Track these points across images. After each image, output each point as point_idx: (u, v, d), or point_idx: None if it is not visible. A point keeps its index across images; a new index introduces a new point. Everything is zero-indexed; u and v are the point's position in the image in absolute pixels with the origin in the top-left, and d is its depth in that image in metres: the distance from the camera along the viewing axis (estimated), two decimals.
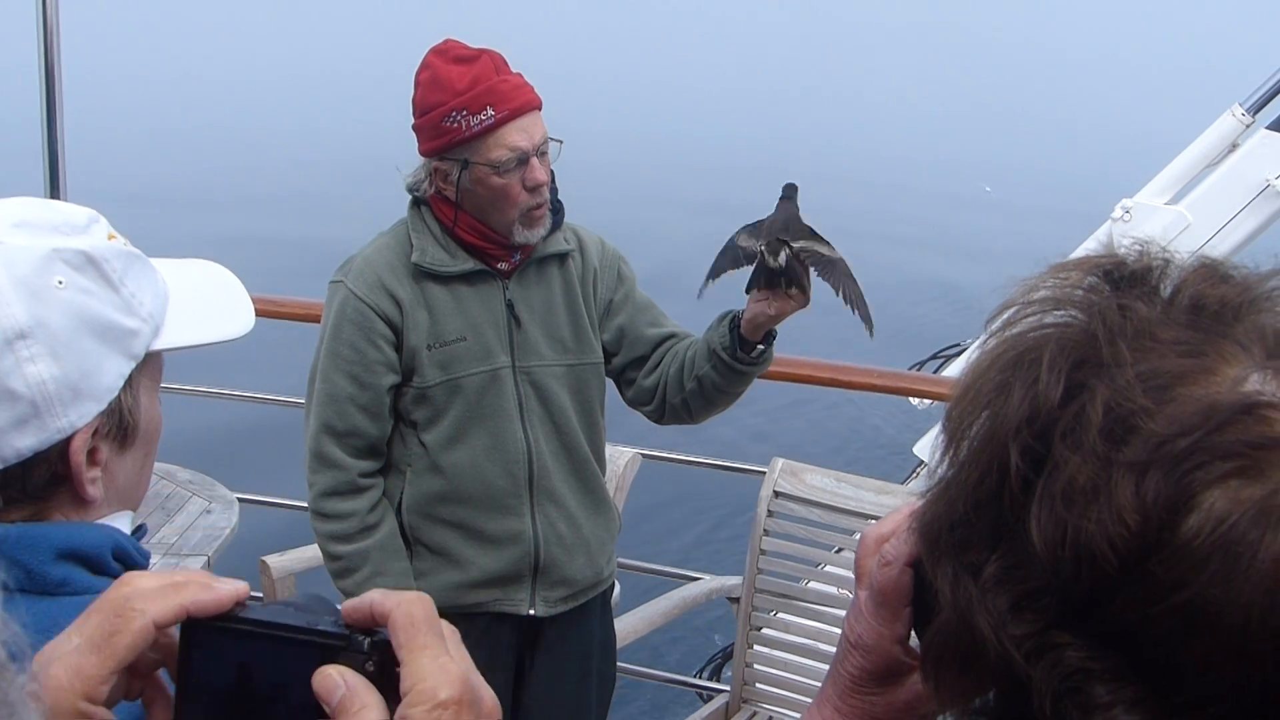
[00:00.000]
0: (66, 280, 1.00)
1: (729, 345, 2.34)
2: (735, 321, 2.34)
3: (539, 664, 2.48)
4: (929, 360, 6.40)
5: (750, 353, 2.35)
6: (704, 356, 2.39)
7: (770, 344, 2.38)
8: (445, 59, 2.27)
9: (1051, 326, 0.62)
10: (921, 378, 4.91)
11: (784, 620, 3.15)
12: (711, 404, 2.45)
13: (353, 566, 2.33)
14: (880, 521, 0.77)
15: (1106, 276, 0.64)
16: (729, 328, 2.35)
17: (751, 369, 2.38)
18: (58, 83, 3.08)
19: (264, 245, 13.39)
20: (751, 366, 2.37)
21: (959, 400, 0.64)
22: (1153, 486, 0.56)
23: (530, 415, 2.37)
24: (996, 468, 0.61)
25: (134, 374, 1.05)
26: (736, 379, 2.39)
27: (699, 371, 2.39)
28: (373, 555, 2.34)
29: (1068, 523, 0.58)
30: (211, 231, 15.30)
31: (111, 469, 1.05)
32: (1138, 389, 0.58)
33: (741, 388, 2.44)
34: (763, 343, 2.35)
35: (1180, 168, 5.79)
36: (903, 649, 0.75)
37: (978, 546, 0.62)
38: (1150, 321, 0.60)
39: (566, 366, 2.41)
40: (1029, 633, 0.59)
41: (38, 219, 1.02)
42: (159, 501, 3.31)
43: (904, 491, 3.16)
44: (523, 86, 2.29)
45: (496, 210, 2.30)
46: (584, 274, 2.45)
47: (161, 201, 16.79)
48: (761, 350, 2.36)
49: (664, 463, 3.76)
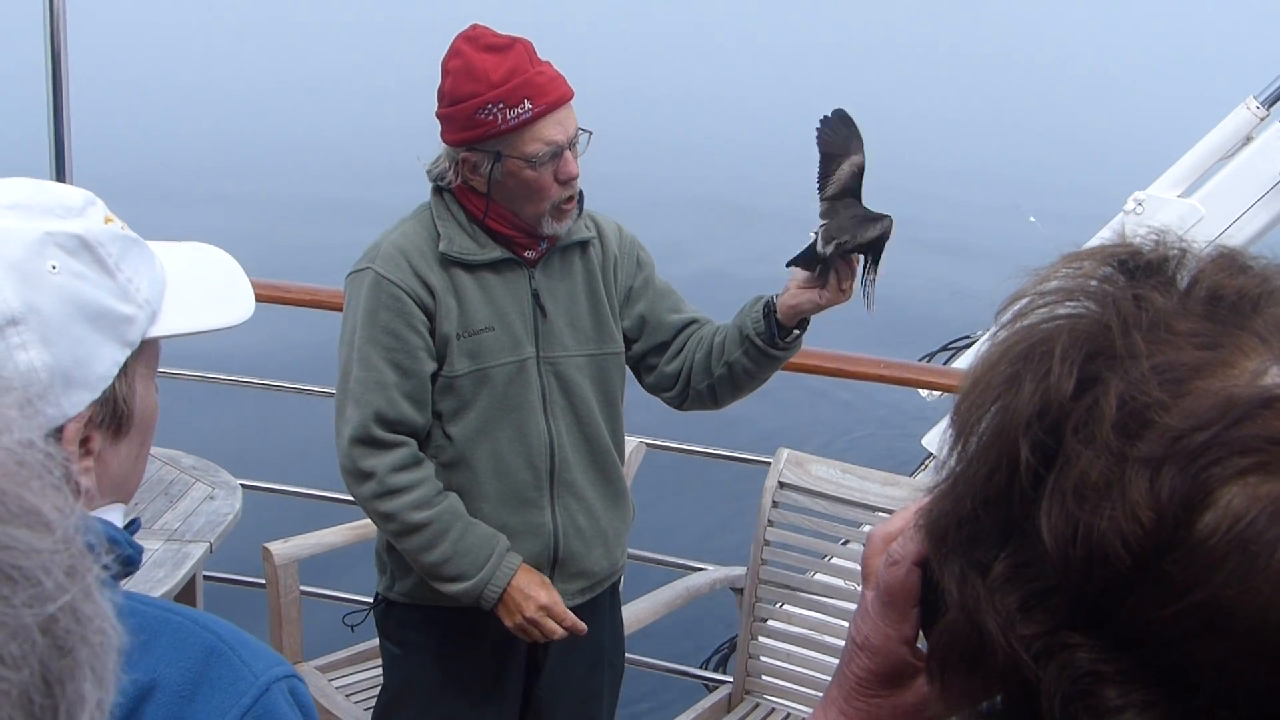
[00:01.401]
0: (60, 265, 0.98)
1: (765, 331, 2.32)
2: (769, 307, 2.32)
3: (552, 654, 2.47)
4: (938, 352, 6.38)
5: (786, 338, 2.34)
6: (735, 342, 2.37)
7: (805, 330, 2.37)
8: (476, 47, 2.21)
9: (1064, 318, 0.61)
10: (929, 369, 4.89)
11: (788, 611, 3.14)
12: (739, 389, 2.43)
13: (445, 526, 2.25)
14: (888, 520, 0.75)
15: (1121, 266, 0.62)
16: (763, 313, 2.33)
17: (785, 355, 2.37)
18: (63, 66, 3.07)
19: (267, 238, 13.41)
20: (785, 352, 2.36)
21: (968, 393, 0.63)
22: (1167, 482, 0.54)
23: (553, 407, 2.34)
24: (1006, 463, 0.59)
25: (129, 361, 1.02)
26: (769, 365, 2.38)
27: (730, 357, 2.38)
28: (458, 508, 2.28)
29: (1079, 520, 0.56)
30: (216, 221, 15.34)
31: (105, 459, 1.02)
32: (1153, 382, 0.56)
33: (770, 373, 2.43)
34: (798, 327, 2.35)
35: (1193, 161, 5.75)
36: (910, 650, 0.73)
37: (986, 544, 0.61)
38: (1166, 313, 0.59)
39: (588, 356, 2.38)
40: (1038, 633, 0.58)
41: (32, 201, 1.00)
42: (162, 487, 3.30)
43: (911, 484, 3.14)
44: (557, 78, 2.24)
45: (528, 202, 2.26)
46: (604, 262, 2.43)
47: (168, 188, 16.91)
48: (797, 336, 2.36)
49: (669, 452, 3.74)
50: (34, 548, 0.50)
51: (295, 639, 3.11)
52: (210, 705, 0.93)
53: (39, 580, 0.49)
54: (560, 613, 2.30)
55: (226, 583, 3.79)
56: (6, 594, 0.48)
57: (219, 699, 0.94)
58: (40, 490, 0.52)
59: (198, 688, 0.94)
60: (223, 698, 0.94)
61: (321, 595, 3.67)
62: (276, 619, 3.08)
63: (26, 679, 0.48)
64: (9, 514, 0.50)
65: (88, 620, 0.51)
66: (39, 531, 0.50)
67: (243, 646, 0.97)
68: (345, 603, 3.63)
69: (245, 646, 0.97)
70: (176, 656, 0.94)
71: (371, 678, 3.12)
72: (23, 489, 0.51)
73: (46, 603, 0.49)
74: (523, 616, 2.27)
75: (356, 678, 3.14)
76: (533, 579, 2.30)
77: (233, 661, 0.96)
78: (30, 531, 0.50)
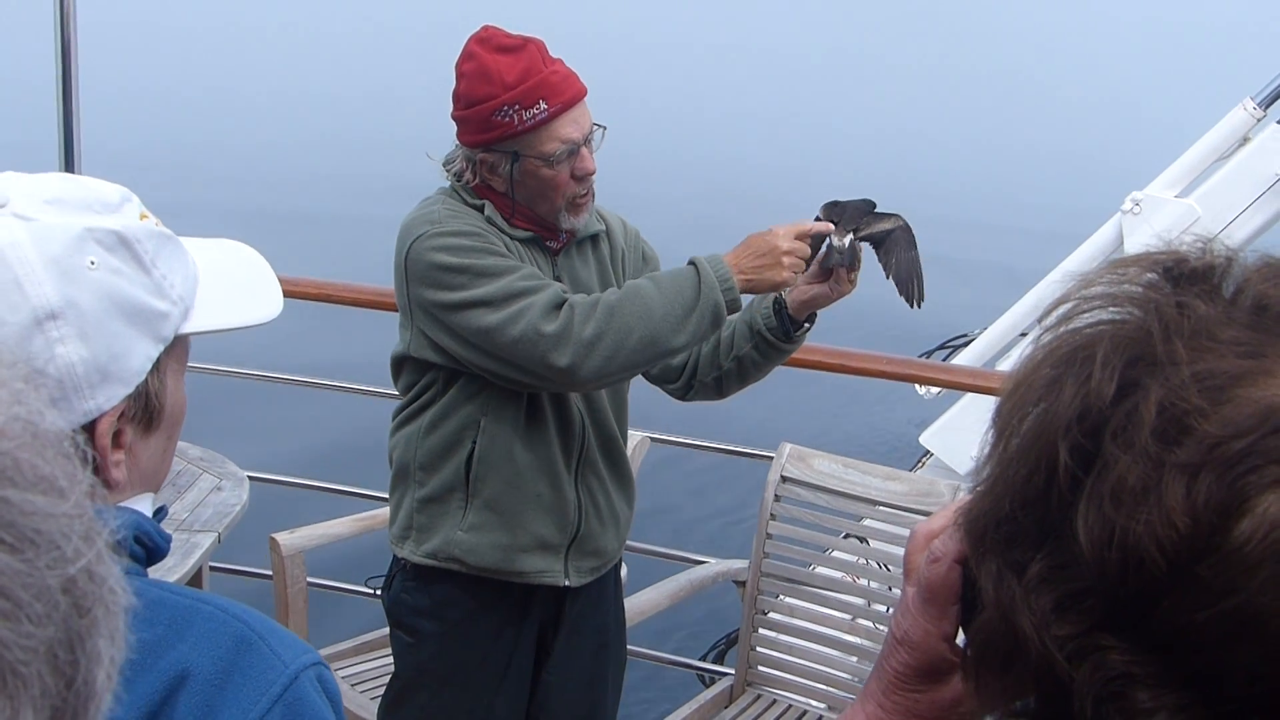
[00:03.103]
0: (99, 260, 0.99)
1: (775, 326, 2.37)
2: (779, 302, 2.36)
3: (561, 636, 2.50)
4: (937, 349, 6.41)
5: (797, 331, 2.39)
6: (745, 336, 2.41)
7: (813, 324, 2.42)
8: (489, 48, 2.22)
9: (1107, 323, 0.61)
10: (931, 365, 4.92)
11: (790, 604, 3.17)
12: (745, 381, 2.48)
13: (636, 291, 2.20)
14: (930, 517, 0.76)
15: (1166, 273, 0.62)
16: (773, 308, 2.37)
17: (793, 348, 2.42)
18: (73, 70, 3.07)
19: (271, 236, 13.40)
20: (794, 345, 2.42)
21: (1010, 395, 0.63)
22: (1204, 489, 0.54)
23: None
24: (1045, 465, 0.60)
25: (161, 357, 1.04)
26: (777, 358, 2.43)
27: (739, 351, 2.42)
28: (634, 288, 2.22)
29: (1115, 523, 0.57)
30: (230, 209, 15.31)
31: (136, 451, 1.04)
32: (1193, 389, 0.56)
33: (776, 365, 2.47)
34: (807, 320, 2.39)
35: (1191, 161, 5.79)
36: (949, 647, 0.74)
37: (1023, 545, 0.61)
38: (1209, 320, 0.59)
39: None
40: (1072, 634, 0.58)
41: (71, 196, 1.01)
42: (170, 478, 3.31)
43: (912, 479, 3.17)
44: (570, 76, 2.25)
45: (544, 200, 2.28)
46: (613, 255, 2.46)
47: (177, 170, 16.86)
48: (806, 329, 2.41)
49: (672, 446, 3.77)
50: (52, 513, 0.52)
51: (302, 630, 3.12)
52: (242, 693, 0.95)
53: (58, 544, 0.51)
54: (801, 228, 2.26)
55: (233, 573, 3.81)
56: (30, 557, 0.50)
57: (250, 687, 0.96)
58: (54, 459, 0.54)
59: (229, 676, 0.96)
60: (254, 686, 0.96)
61: (328, 586, 3.69)
62: (283, 610, 3.10)
63: (52, 636, 0.50)
64: (27, 481, 0.52)
65: (103, 581, 0.54)
66: (55, 498, 0.53)
67: (272, 635, 0.99)
68: (352, 594, 3.65)
69: (274, 635, 0.99)
70: (208, 645, 0.96)
71: (378, 668, 3.14)
72: (37, 457, 0.53)
73: (67, 565, 0.51)
74: (782, 270, 2.23)
75: (363, 668, 3.17)
76: (745, 249, 2.25)
77: (262, 650, 0.97)
78: (47, 498, 0.52)
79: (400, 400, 2.44)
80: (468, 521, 2.35)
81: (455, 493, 2.36)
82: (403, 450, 2.41)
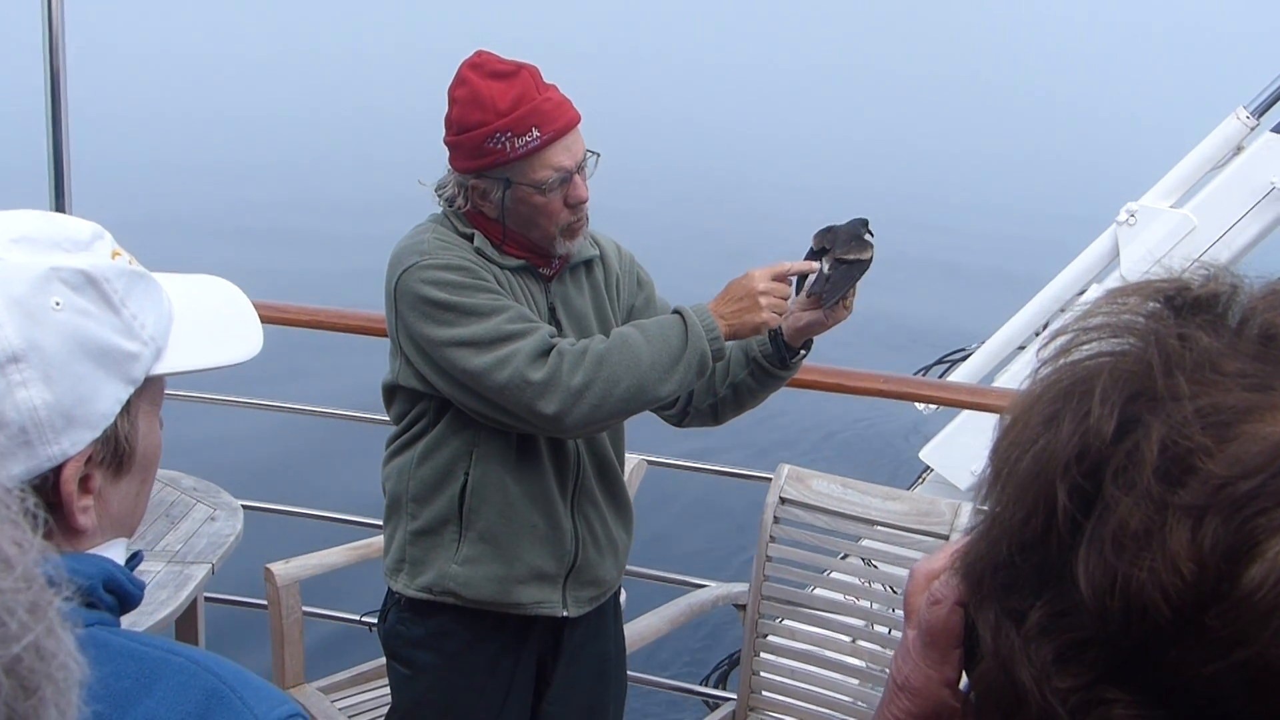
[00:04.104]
0: (64, 301, 0.96)
1: (773, 353, 2.37)
2: (774, 330, 2.34)
3: (560, 666, 2.47)
4: (934, 365, 6.39)
5: (793, 358, 2.39)
6: (740, 364, 2.40)
7: (809, 351, 2.41)
8: (482, 74, 2.20)
9: (1106, 355, 0.58)
10: (929, 383, 4.90)
11: (790, 627, 3.14)
12: (741, 408, 2.48)
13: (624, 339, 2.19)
14: (931, 556, 0.72)
15: (1168, 302, 0.59)
16: (769, 335, 2.35)
17: (789, 375, 2.42)
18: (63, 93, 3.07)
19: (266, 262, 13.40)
20: (790, 372, 2.42)
21: (1006, 432, 0.60)
22: (1211, 533, 0.51)
23: None
24: (1043, 507, 0.57)
25: (132, 398, 1.00)
26: (773, 385, 2.43)
27: (735, 378, 2.41)
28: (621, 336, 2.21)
29: (1118, 570, 0.53)
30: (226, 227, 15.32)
31: (105, 496, 1.01)
32: (1196, 425, 0.53)
33: (773, 392, 2.47)
34: (803, 347, 2.39)
35: (1185, 171, 5.77)
36: (952, 693, 0.70)
37: (1022, 591, 0.58)
38: (1213, 352, 0.55)
39: None
40: (1074, 686, 0.55)
41: (39, 234, 0.98)
42: (163, 509, 3.29)
43: (911, 498, 3.14)
44: (563, 103, 2.23)
45: (536, 227, 2.27)
46: (608, 279, 2.45)
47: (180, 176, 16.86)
48: (802, 356, 2.40)
49: (670, 469, 3.75)
50: None
51: (297, 660, 3.10)
52: None
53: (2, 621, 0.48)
54: (778, 269, 2.27)
55: (228, 604, 3.78)
56: None
57: None
58: None
59: None
60: None
61: (324, 616, 3.66)
62: (279, 640, 3.07)
63: None
64: None
65: (51, 656, 0.51)
66: None
67: (244, 687, 0.96)
68: (348, 623, 3.62)
69: (247, 687, 0.96)
70: (177, 700, 0.93)
71: (374, 699, 3.11)
72: None
73: (10, 643, 0.48)
74: (760, 312, 2.23)
75: (359, 699, 3.13)
76: (725, 296, 2.26)
77: (234, 704, 0.94)
78: None
79: (393, 429, 2.42)
80: (462, 554, 2.33)
81: (449, 525, 2.33)
82: (395, 482, 2.38)
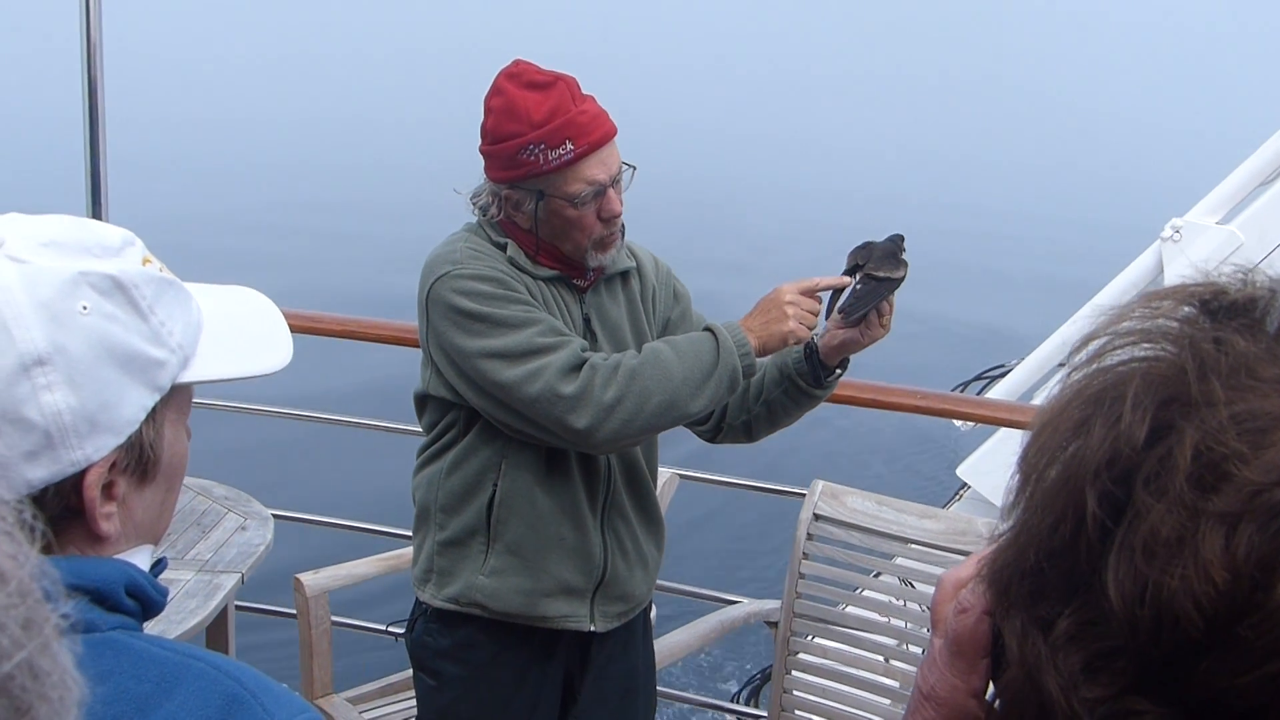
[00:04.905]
0: (91, 305, 0.96)
1: (808, 372, 2.33)
2: (810, 347, 2.31)
3: (587, 682, 2.45)
4: (972, 381, 6.31)
5: (828, 377, 2.35)
6: (775, 381, 2.37)
7: (845, 369, 2.38)
8: (518, 84, 2.19)
9: (1139, 361, 0.57)
10: (966, 399, 4.83)
11: (822, 645, 3.09)
12: (775, 425, 2.44)
13: (655, 355, 2.17)
14: (959, 565, 0.71)
15: (1204, 307, 0.58)
16: (804, 353, 2.32)
17: (825, 394, 2.38)
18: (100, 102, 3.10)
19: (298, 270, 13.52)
20: (825, 391, 2.37)
21: (1036, 437, 0.59)
22: (1245, 541, 0.50)
23: None
24: (1072, 514, 0.55)
25: (158, 406, 1.00)
26: (808, 403, 2.39)
27: (769, 396, 2.38)
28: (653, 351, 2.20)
29: (1148, 578, 0.52)
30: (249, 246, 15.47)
31: (129, 503, 1.00)
32: (1231, 431, 0.52)
33: (808, 410, 2.43)
34: (840, 366, 2.35)
35: (1232, 186, 5.68)
36: (979, 703, 0.69)
37: (1050, 599, 0.57)
38: (1249, 357, 0.54)
39: None
40: (1102, 697, 0.54)
41: (69, 239, 0.98)
42: (194, 518, 3.30)
43: (948, 516, 3.09)
44: (600, 115, 2.21)
45: (568, 239, 2.25)
46: (644, 292, 2.43)
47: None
48: (838, 375, 2.36)
49: (702, 483, 3.71)
50: None
51: (326, 670, 3.09)
52: None
53: None
54: (808, 284, 2.27)
55: (258, 613, 3.79)
56: None
57: None
58: None
59: None
60: None
61: (352, 626, 3.66)
62: (307, 650, 3.07)
63: None
64: None
65: (45, 675, 0.49)
66: None
67: (264, 693, 0.95)
68: (376, 634, 3.61)
69: (267, 693, 0.95)
70: (197, 704, 0.92)
71: (402, 710, 3.10)
72: None
73: (1, 661, 0.46)
74: (788, 321, 2.22)
75: (388, 710, 3.12)
76: (754, 311, 2.25)
77: (254, 709, 0.94)
78: None
79: (424, 438, 2.41)
80: (489, 566, 2.31)
81: (476, 536, 2.32)
82: (424, 492, 2.37)
